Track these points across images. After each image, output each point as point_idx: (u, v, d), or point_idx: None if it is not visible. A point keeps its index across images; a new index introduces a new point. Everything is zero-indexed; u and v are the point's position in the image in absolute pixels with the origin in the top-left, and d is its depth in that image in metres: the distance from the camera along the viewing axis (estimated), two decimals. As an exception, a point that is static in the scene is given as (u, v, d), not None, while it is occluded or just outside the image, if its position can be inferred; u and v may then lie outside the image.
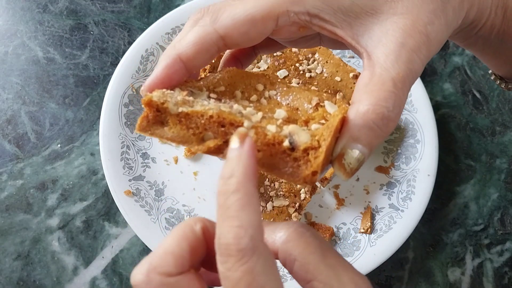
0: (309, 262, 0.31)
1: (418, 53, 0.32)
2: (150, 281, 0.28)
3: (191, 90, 0.35)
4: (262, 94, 0.37)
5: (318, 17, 0.33)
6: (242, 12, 0.34)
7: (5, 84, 0.64)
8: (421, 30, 0.32)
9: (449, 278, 0.62)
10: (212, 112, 0.31)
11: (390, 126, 0.32)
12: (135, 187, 0.58)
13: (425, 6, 0.33)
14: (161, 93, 0.32)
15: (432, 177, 0.62)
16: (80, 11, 0.69)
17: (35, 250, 0.58)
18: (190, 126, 0.32)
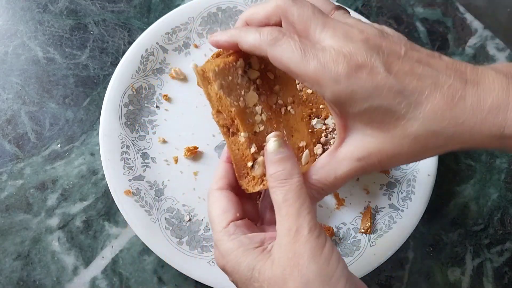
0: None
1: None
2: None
3: (246, 70, 0.42)
4: (285, 104, 0.44)
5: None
6: None
7: (5, 84, 0.64)
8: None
9: (449, 278, 0.62)
10: (232, 110, 0.40)
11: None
12: (135, 187, 0.58)
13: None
14: (215, 68, 0.40)
15: (432, 177, 0.62)
16: (80, 11, 0.69)
17: (35, 250, 0.58)
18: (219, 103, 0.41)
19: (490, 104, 0.34)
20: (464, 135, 0.35)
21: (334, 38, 0.36)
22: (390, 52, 0.35)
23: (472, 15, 0.74)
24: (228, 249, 0.40)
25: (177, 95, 0.64)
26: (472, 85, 0.35)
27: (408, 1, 0.74)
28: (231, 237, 0.40)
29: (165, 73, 0.64)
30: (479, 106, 0.34)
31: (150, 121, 0.62)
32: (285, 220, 0.37)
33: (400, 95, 0.34)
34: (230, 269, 0.39)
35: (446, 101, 0.34)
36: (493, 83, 0.35)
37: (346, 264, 0.58)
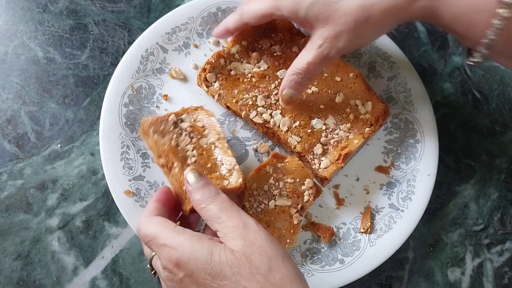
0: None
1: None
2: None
3: (178, 122, 0.57)
4: (213, 143, 0.57)
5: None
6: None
7: (5, 84, 0.64)
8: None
9: (449, 278, 0.62)
10: (166, 148, 0.55)
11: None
12: (135, 187, 0.58)
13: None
14: (149, 121, 0.55)
15: (432, 177, 0.62)
16: (80, 11, 0.69)
17: (35, 250, 0.58)
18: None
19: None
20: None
21: None
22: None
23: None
24: (181, 241, 0.42)
25: (177, 95, 0.64)
26: None
27: (408, 1, 0.74)
28: (182, 231, 0.43)
29: (165, 73, 0.64)
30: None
31: (150, 121, 0.62)
32: (229, 221, 0.43)
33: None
34: (185, 258, 0.41)
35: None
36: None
37: (346, 264, 0.58)
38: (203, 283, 0.40)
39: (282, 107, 0.61)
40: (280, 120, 0.60)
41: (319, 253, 0.59)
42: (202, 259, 0.40)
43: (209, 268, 0.40)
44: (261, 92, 0.61)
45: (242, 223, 0.43)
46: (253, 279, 0.39)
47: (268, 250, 0.41)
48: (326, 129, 0.60)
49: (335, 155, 0.59)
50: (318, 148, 0.59)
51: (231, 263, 0.40)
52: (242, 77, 0.62)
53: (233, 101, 0.61)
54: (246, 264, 0.40)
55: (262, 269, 0.40)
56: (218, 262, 0.40)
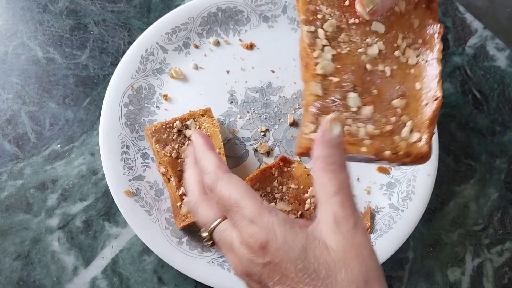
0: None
1: None
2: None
3: (183, 129, 0.58)
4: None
5: None
6: None
7: (5, 84, 0.64)
8: None
9: (449, 278, 0.62)
10: (165, 160, 0.56)
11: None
12: (135, 187, 0.58)
13: None
14: (152, 128, 0.57)
15: (432, 177, 0.62)
16: (80, 11, 0.69)
17: (35, 250, 0.58)
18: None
19: None
20: None
21: None
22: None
23: (472, 15, 0.74)
24: (273, 223, 0.36)
25: (177, 95, 0.64)
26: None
27: (408, 1, 0.74)
28: (272, 211, 0.37)
29: (165, 73, 0.64)
30: None
31: (150, 121, 0.62)
32: (340, 208, 0.36)
33: None
34: (276, 245, 0.36)
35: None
36: None
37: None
38: (289, 276, 0.35)
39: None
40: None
41: (319, 253, 0.59)
42: (295, 252, 0.35)
43: (301, 264, 0.35)
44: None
45: (353, 220, 0.37)
46: (346, 284, 0.35)
47: (368, 260, 0.36)
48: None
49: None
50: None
51: (327, 266, 0.35)
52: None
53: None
54: (343, 270, 0.35)
55: (360, 281, 0.35)
56: (313, 261, 0.35)
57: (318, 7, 0.44)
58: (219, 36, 0.67)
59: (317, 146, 0.38)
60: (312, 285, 0.35)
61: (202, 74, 0.65)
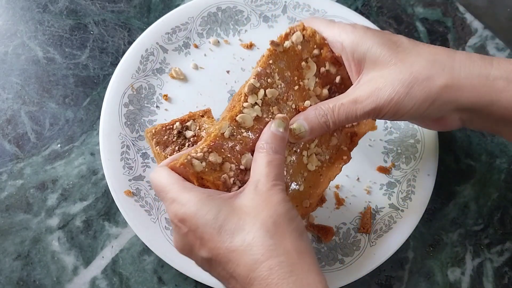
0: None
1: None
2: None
3: (183, 131, 0.56)
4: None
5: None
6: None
7: (5, 84, 0.64)
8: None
9: (449, 278, 0.62)
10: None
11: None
12: (135, 187, 0.58)
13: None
14: (152, 130, 0.56)
15: (432, 177, 0.62)
16: (80, 11, 0.69)
17: (35, 250, 0.58)
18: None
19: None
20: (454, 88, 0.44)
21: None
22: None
23: (472, 15, 0.74)
24: (188, 198, 0.41)
25: (177, 95, 0.64)
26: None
27: (408, 1, 0.74)
28: (191, 188, 0.42)
29: (165, 73, 0.64)
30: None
31: (150, 121, 0.62)
32: (264, 177, 0.42)
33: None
34: (190, 215, 0.40)
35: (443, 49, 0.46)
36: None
37: (346, 264, 0.58)
38: (206, 238, 0.39)
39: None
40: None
41: (318, 253, 0.59)
42: (208, 216, 0.39)
43: (214, 223, 0.39)
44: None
45: (273, 185, 0.41)
46: (255, 230, 0.38)
47: (277, 206, 0.40)
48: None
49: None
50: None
51: (237, 219, 0.39)
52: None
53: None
54: (251, 219, 0.39)
55: (268, 222, 0.39)
56: (223, 218, 0.39)
57: (273, 73, 0.48)
58: (219, 36, 0.67)
59: (265, 132, 0.45)
60: (225, 240, 0.38)
61: (202, 74, 0.65)
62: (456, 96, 0.44)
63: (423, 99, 0.44)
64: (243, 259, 0.38)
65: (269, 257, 0.37)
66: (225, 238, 0.38)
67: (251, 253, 0.37)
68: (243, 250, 0.38)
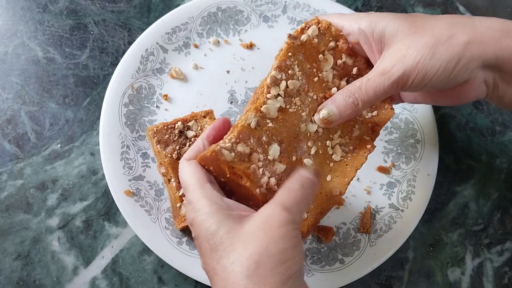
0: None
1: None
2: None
3: (185, 131, 0.58)
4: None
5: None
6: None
7: (5, 84, 0.64)
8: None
9: (449, 278, 0.62)
10: (166, 161, 0.56)
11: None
12: (135, 187, 0.58)
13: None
14: (154, 129, 0.57)
15: (432, 177, 0.62)
16: (80, 11, 0.69)
17: (35, 250, 0.58)
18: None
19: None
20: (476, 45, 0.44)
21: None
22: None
23: (472, 15, 0.74)
24: (203, 204, 0.41)
25: (177, 95, 0.64)
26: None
27: (408, 1, 0.74)
28: (208, 194, 0.42)
29: (165, 73, 0.64)
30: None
31: (150, 121, 0.62)
32: (275, 202, 0.40)
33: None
34: (198, 222, 0.40)
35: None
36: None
37: (346, 264, 0.58)
38: (203, 250, 0.40)
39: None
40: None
41: (319, 253, 0.59)
42: (209, 229, 0.39)
43: (211, 239, 0.39)
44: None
45: (279, 211, 0.39)
46: (237, 262, 0.37)
47: (272, 245, 0.37)
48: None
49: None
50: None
51: (230, 241, 0.38)
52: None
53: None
54: (241, 248, 0.37)
55: (251, 260, 0.37)
56: (220, 236, 0.38)
57: (293, 65, 0.48)
58: (219, 36, 0.67)
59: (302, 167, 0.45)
60: (213, 259, 0.39)
61: (202, 74, 0.65)
62: (480, 50, 0.44)
63: (449, 58, 0.44)
64: (220, 285, 0.38)
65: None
66: (214, 257, 0.39)
67: (227, 283, 0.37)
68: (222, 278, 0.38)
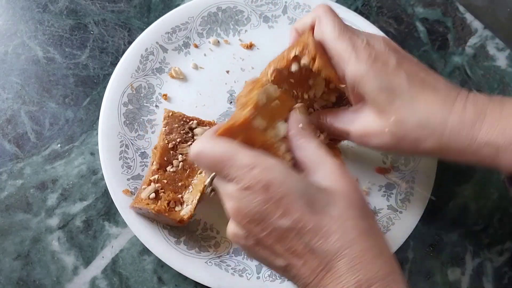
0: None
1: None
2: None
3: (194, 127, 0.58)
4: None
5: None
6: None
7: (5, 84, 0.64)
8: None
9: (449, 278, 0.62)
10: (160, 146, 0.57)
11: None
12: (133, 186, 0.58)
13: None
14: (169, 114, 0.58)
15: (431, 179, 0.62)
16: (80, 11, 0.69)
17: (35, 250, 0.58)
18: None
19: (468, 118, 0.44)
20: (444, 132, 0.45)
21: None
22: (404, 55, 0.48)
23: (472, 15, 0.74)
24: (273, 163, 0.38)
25: (177, 95, 0.64)
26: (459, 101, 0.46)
27: (408, 1, 0.74)
28: (269, 155, 0.39)
29: (164, 72, 0.64)
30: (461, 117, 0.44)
31: (149, 121, 0.62)
32: (319, 151, 0.41)
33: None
34: (279, 181, 0.37)
35: (439, 103, 0.45)
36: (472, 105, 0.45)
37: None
38: (295, 207, 0.37)
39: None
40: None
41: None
42: (298, 185, 0.37)
43: (305, 195, 0.37)
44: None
45: (351, 181, 0.40)
46: (347, 212, 0.38)
47: (360, 200, 0.40)
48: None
49: None
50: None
51: (327, 197, 0.38)
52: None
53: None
54: (342, 199, 0.38)
55: (358, 206, 0.39)
56: (314, 193, 0.38)
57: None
58: (219, 36, 0.67)
59: (290, 122, 0.44)
60: (318, 212, 0.37)
61: (202, 74, 0.65)
62: (442, 155, 0.47)
63: (410, 153, 0.54)
64: (335, 235, 0.37)
65: (363, 240, 0.37)
66: (318, 210, 0.37)
67: (346, 231, 0.37)
68: (338, 227, 0.37)
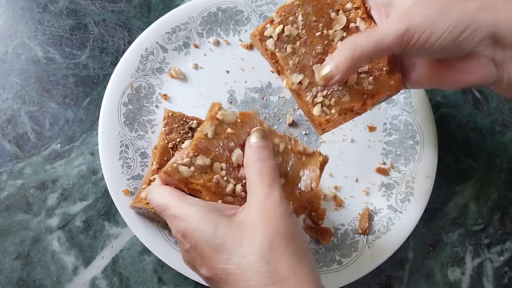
0: None
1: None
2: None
3: (194, 127, 0.57)
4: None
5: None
6: None
7: (5, 84, 0.64)
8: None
9: (449, 278, 0.62)
10: (160, 145, 0.55)
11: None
12: (133, 186, 0.58)
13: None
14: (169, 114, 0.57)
15: (431, 179, 0.62)
16: (80, 11, 0.69)
17: (35, 250, 0.58)
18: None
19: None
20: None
21: None
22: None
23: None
24: (189, 212, 0.40)
25: (176, 95, 0.64)
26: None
27: (408, 0, 0.74)
28: (192, 202, 0.41)
29: (164, 72, 0.64)
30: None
31: (149, 121, 0.62)
32: (258, 188, 0.40)
33: None
34: (190, 230, 0.39)
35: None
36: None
37: (344, 265, 0.58)
38: (206, 256, 0.38)
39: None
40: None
41: (316, 254, 0.59)
42: (206, 232, 0.38)
43: (212, 241, 0.38)
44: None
45: (266, 191, 0.40)
46: (250, 253, 0.37)
47: (278, 226, 0.38)
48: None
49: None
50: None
51: (234, 237, 0.38)
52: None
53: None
54: (248, 238, 0.38)
55: (263, 245, 0.37)
56: (222, 235, 0.38)
57: (297, 13, 0.48)
58: (219, 36, 0.67)
59: (246, 149, 0.44)
60: (221, 260, 0.38)
61: (202, 74, 0.65)
62: (492, 18, 0.42)
63: (459, 20, 0.41)
64: (239, 284, 0.37)
65: (263, 285, 0.36)
66: (221, 258, 0.38)
67: (246, 279, 0.37)
68: (239, 274, 0.37)
